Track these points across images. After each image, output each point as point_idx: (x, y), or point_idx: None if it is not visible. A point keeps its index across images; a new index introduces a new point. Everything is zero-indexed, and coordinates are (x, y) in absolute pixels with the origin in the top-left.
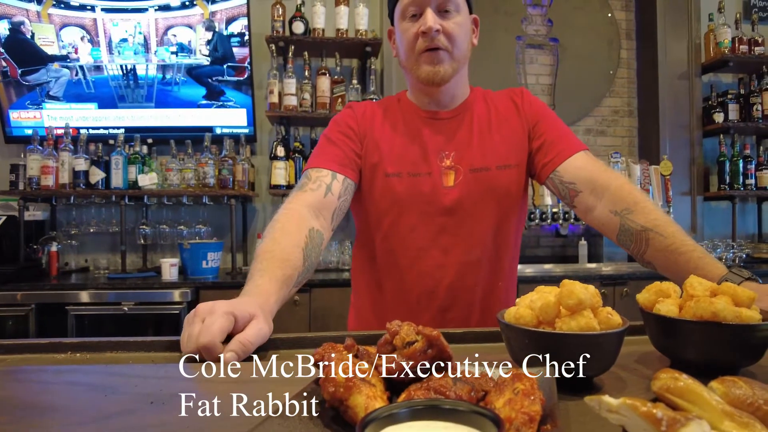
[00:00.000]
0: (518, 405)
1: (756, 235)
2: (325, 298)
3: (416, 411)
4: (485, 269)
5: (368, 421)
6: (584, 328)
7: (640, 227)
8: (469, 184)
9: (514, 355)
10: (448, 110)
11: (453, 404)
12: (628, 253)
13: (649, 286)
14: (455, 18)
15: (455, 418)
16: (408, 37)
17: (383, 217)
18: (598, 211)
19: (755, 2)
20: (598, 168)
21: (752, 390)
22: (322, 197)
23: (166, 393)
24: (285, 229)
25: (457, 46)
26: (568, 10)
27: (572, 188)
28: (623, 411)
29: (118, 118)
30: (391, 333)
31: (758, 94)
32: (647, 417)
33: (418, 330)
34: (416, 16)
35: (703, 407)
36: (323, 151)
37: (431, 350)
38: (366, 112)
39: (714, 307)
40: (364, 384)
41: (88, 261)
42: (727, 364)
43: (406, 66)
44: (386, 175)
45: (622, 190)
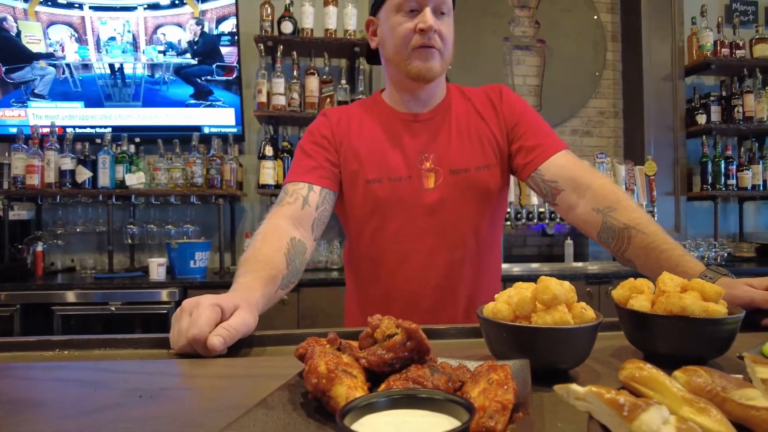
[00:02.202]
0: (492, 394)
1: (737, 234)
2: (314, 297)
3: (394, 400)
4: (469, 268)
5: (347, 410)
6: (559, 323)
7: (623, 225)
8: (450, 186)
9: (493, 348)
10: (427, 111)
11: (429, 393)
12: (609, 251)
13: (623, 283)
14: (447, 21)
15: (431, 406)
16: (402, 31)
17: (366, 222)
18: (580, 209)
19: (737, 6)
20: (579, 167)
21: (711, 378)
22: (300, 209)
23: (154, 387)
24: (266, 239)
25: (447, 48)
26: (555, 12)
27: (554, 187)
28: (589, 398)
29: (105, 117)
30: (372, 326)
31: (739, 97)
32: (611, 403)
33: (397, 323)
34: (413, 12)
35: (665, 394)
36: (299, 164)
37: (410, 342)
38: (341, 119)
39: (683, 302)
40: (345, 375)
41: (74, 261)
42: (696, 357)
43: (393, 59)
44: (367, 182)
45: (605, 188)
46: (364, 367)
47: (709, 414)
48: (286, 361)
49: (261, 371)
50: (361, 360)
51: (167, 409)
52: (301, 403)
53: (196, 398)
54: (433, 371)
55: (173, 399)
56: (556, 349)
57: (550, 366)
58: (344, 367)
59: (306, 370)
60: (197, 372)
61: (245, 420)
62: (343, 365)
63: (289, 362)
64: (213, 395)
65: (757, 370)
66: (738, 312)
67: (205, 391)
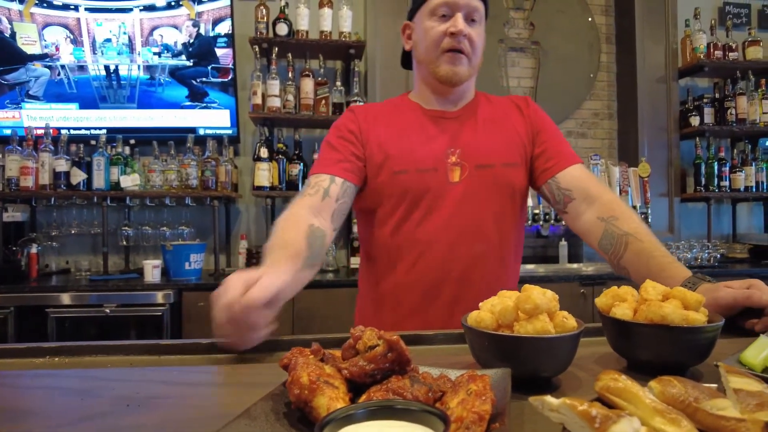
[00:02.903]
0: (470, 405)
1: (730, 235)
2: (308, 299)
3: (372, 411)
4: (490, 263)
5: (326, 422)
6: (540, 332)
7: (622, 232)
8: (475, 180)
9: (476, 356)
10: (455, 110)
11: (405, 404)
12: (606, 259)
13: (606, 291)
14: (478, 29)
15: (408, 417)
16: (434, 34)
17: (391, 213)
18: (586, 217)
19: (730, 9)
20: (593, 180)
21: (685, 389)
22: (320, 200)
23: (142, 395)
24: (286, 227)
25: (476, 53)
26: (549, 14)
27: (567, 195)
28: (563, 410)
29: (99, 119)
30: (354, 338)
31: (732, 99)
32: (583, 415)
33: (379, 335)
34: (445, 17)
35: (638, 405)
36: (323, 157)
37: (391, 354)
38: (368, 114)
39: (663, 310)
40: (327, 386)
41: (69, 263)
42: (677, 364)
43: (424, 61)
44: (394, 173)
45: (612, 202)
46: (346, 378)
47: (679, 425)
48: (272, 369)
49: (247, 379)
50: (343, 371)
51: (153, 418)
52: (284, 413)
53: (183, 407)
54: (413, 382)
55: (160, 408)
56: (538, 358)
57: (532, 374)
58: (326, 378)
59: (289, 380)
60: (184, 380)
61: (227, 430)
62: (325, 376)
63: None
64: (199, 403)
65: (731, 379)
66: (718, 320)
67: (192, 399)
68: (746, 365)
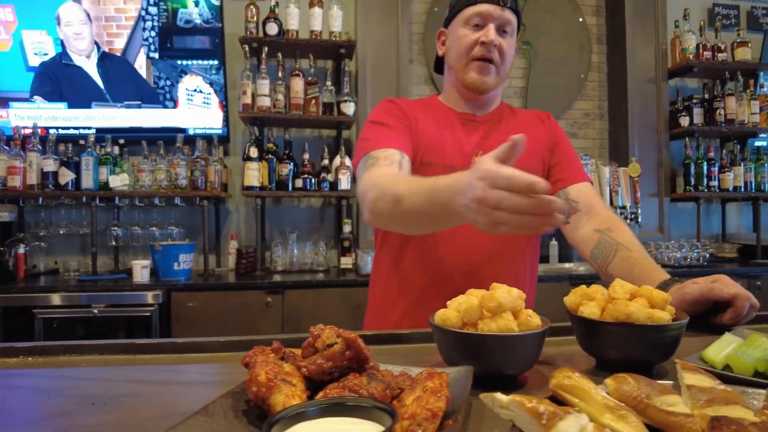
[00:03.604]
0: (424, 402)
1: (720, 235)
2: (298, 299)
3: (323, 408)
4: (501, 261)
5: (276, 420)
6: (503, 330)
7: (615, 242)
8: None
9: (443, 354)
10: (482, 114)
11: (356, 401)
12: (595, 269)
13: (575, 289)
14: (509, 40)
15: (358, 414)
16: (466, 42)
17: None
18: (584, 229)
19: (719, 10)
20: (598, 199)
21: (638, 385)
22: (398, 171)
23: (109, 394)
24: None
25: (505, 64)
26: (540, 14)
27: (574, 206)
28: (512, 407)
29: (88, 118)
30: (313, 336)
31: (721, 99)
32: (531, 412)
33: (338, 333)
34: (478, 27)
35: (589, 402)
36: (383, 134)
37: (349, 352)
38: (406, 105)
39: (628, 309)
40: (284, 384)
41: (57, 263)
42: (643, 362)
43: (454, 67)
44: (421, 164)
45: (611, 218)
46: (305, 376)
47: (627, 421)
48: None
49: (218, 378)
50: (301, 369)
51: (117, 416)
52: (243, 410)
53: (148, 405)
54: (370, 379)
55: (125, 406)
56: (502, 356)
57: (497, 372)
58: (284, 376)
59: (248, 378)
60: (155, 378)
61: (183, 427)
62: (284, 374)
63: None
64: (165, 402)
65: (685, 376)
66: (683, 318)
67: (158, 398)
68: (708, 362)
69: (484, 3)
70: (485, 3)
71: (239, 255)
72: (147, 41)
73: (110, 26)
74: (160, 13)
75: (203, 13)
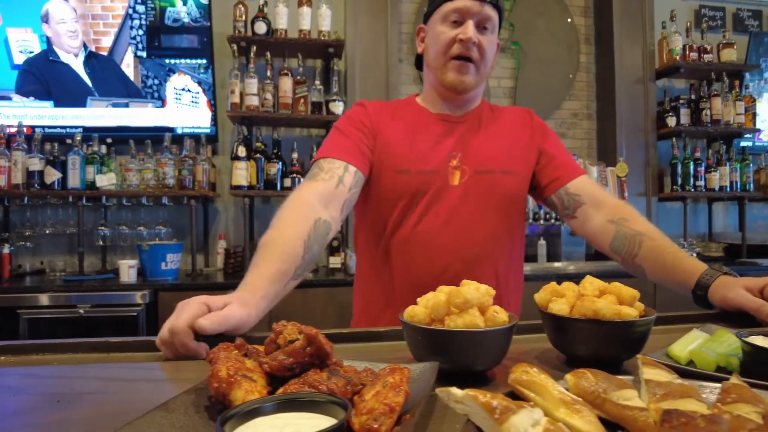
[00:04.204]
0: (383, 397)
1: (707, 234)
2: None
3: (278, 404)
4: (485, 268)
5: (230, 416)
6: (469, 325)
7: (635, 232)
8: (474, 185)
9: (412, 351)
10: (460, 115)
11: (310, 396)
12: (619, 261)
13: (545, 286)
14: (490, 37)
15: (312, 408)
16: (444, 39)
17: (390, 212)
18: (596, 221)
19: (705, 12)
20: (598, 187)
21: (596, 380)
22: (334, 188)
23: (76, 392)
24: (290, 219)
25: (485, 62)
26: (530, 15)
27: (577, 200)
28: (466, 401)
29: (75, 117)
30: (276, 332)
31: (707, 100)
32: (485, 406)
33: (300, 329)
34: (457, 23)
35: (545, 397)
36: (336, 142)
37: (310, 348)
38: (378, 111)
39: (595, 305)
40: (244, 380)
41: (43, 263)
42: (610, 358)
43: (433, 65)
44: (396, 172)
45: (619, 205)
46: (267, 372)
47: (581, 415)
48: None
49: (189, 375)
50: (263, 365)
51: (81, 413)
52: (206, 406)
53: (113, 402)
54: (331, 375)
55: (90, 403)
56: (468, 351)
57: (465, 367)
58: (245, 371)
59: (209, 374)
60: (124, 376)
61: (140, 422)
62: (245, 370)
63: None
64: (131, 399)
65: (644, 371)
66: (651, 314)
67: (124, 395)
68: (673, 357)
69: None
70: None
71: (227, 255)
72: (134, 40)
73: (97, 24)
74: (147, 12)
75: (191, 11)
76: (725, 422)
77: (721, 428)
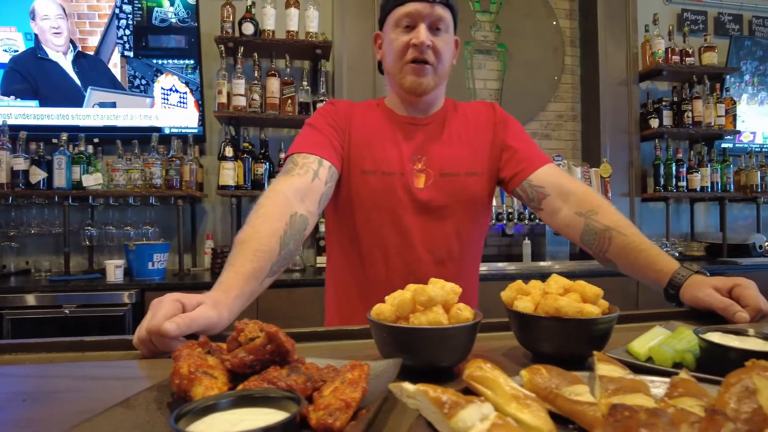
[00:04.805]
0: (340, 393)
1: (689, 234)
2: (273, 299)
3: (234, 400)
4: (450, 269)
5: (185, 413)
6: (433, 323)
7: (604, 227)
8: (438, 188)
9: (378, 348)
10: (424, 117)
11: (264, 392)
12: (590, 253)
13: (511, 285)
14: (444, 37)
15: (269, 404)
16: (398, 45)
17: (355, 212)
18: (563, 213)
19: (687, 16)
20: (563, 176)
21: (550, 376)
22: (310, 182)
23: (43, 391)
24: (266, 215)
25: (441, 62)
26: (515, 17)
27: (541, 191)
28: (418, 396)
29: (61, 117)
30: (237, 330)
31: (689, 102)
32: (435, 401)
33: (261, 327)
34: (409, 27)
35: (496, 392)
36: (310, 138)
37: (270, 345)
38: (347, 110)
39: (558, 303)
40: (205, 376)
41: (29, 263)
42: (574, 355)
43: (391, 72)
44: (362, 172)
45: (587, 194)
46: (228, 369)
47: (531, 410)
48: None
49: (157, 373)
50: (225, 362)
51: (44, 412)
52: (168, 403)
53: (80, 400)
54: (291, 372)
55: (56, 402)
56: (432, 348)
57: (430, 364)
58: (206, 368)
59: (171, 371)
60: (96, 374)
61: (99, 419)
62: (206, 367)
63: None
64: (98, 397)
65: (599, 367)
66: (614, 311)
67: (94, 393)
68: (633, 354)
69: (412, 2)
70: (413, 2)
71: (215, 254)
72: (121, 39)
73: (83, 23)
74: (134, 12)
75: (179, 12)
76: (667, 415)
77: (661, 421)
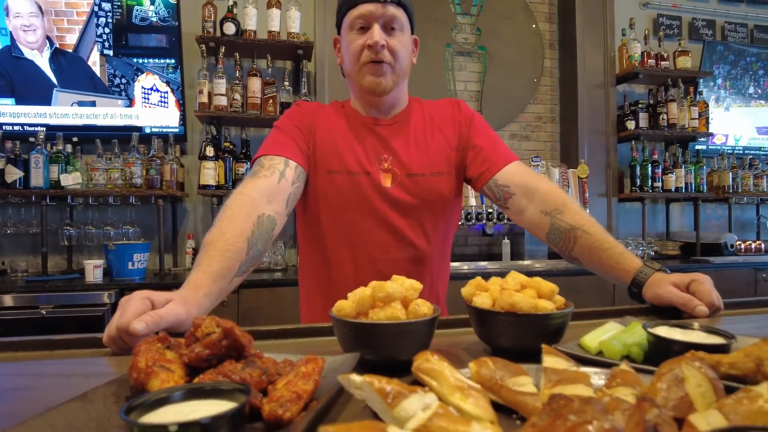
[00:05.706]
0: (292, 385)
1: (664, 233)
2: (253, 299)
3: (185, 393)
4: (418, 267)
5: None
6: (391, 318)
7: (569, 226)
8: (406, 187)
9: (341, 343)
10: (388, 118)
11: (215, 384)
12: (556, 251)
13: (471, 281)
14: (399, 36)
15: (220, 396)
16: (354, 48)
17: (322, 212)
18: (529, 212)
19: (662, 20)
20: (529, 174)
21: (495, 368)
22: (276, 183)
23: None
24: (233, 217)
25: (399, 62)
26: (495, 20)
27: (506, 191)
28: (364, 387)
29: (39, 115)
30: (195, 326)
31: (664, 105)
32: (379, 392)
33: (218, 323)
34: (364, 29)
35: (441, 383)
36: (275, 140)
37: (226, 340)
38: (313, 112)
39: (513, 299)
40: (162, 370)
41: (5, 263)
42: (529, 349)
43: (350, 74)
44: (329, 172)
45: (552, 193)
46: (185, 363)
47: (473, 400)
48: None
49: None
50: (183, 357)
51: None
52: (126, 396)
53: (42, 397)
54: (246, 366)
55: (17, 398)
56: (390, 343)
57: (388, 358)
58: (164, 362)
59: (129, 365)
60: (60, 371)
61: (54, 413)
62: (164, 361)
63: None
64: (60, 393)
65: (545, 359)
66: (568, 307)
67: (55, 390)
68: (584, 348)
69: (364, 3)
70: (365, 3)
71: (196, 254)
72: (101, 38)
73: (61, 21)
74: (114, 10)
75: (159, 11)
76: (600, 403)
77: (594, 409)
